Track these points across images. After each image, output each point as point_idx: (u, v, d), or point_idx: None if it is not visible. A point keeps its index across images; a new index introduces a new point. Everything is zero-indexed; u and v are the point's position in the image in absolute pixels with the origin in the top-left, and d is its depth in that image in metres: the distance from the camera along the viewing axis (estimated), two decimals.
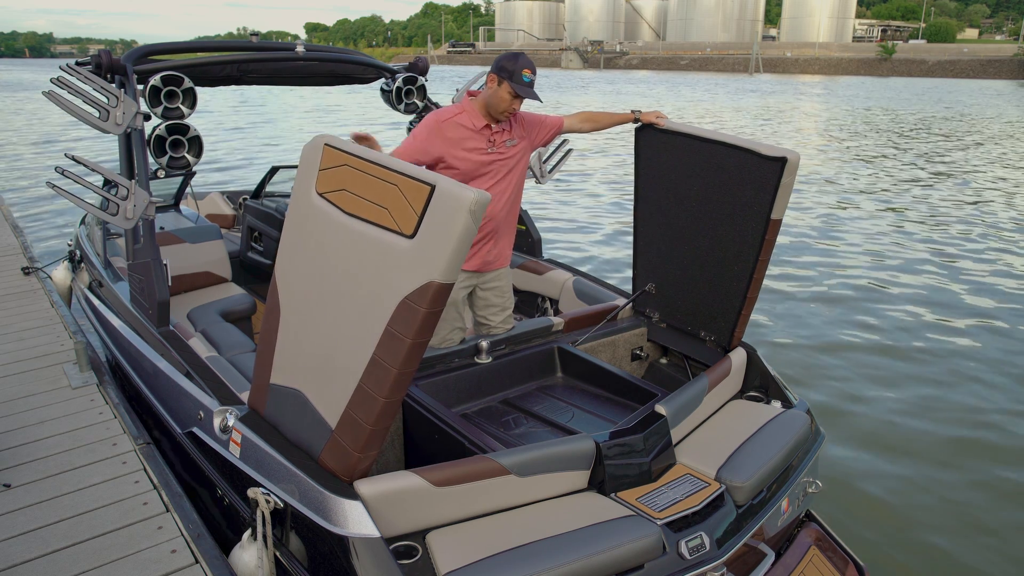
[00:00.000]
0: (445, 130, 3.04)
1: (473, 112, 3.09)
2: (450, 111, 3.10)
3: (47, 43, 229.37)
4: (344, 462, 2.16)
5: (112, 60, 3.80)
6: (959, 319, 6.94)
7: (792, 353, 6.07)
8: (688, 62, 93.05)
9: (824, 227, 10.58)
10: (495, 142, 3.12)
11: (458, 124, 3.06)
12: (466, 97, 3.15)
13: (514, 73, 2.94)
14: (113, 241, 4.71)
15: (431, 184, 1.88)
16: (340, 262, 2.11)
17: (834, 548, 2.98)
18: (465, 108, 3.11)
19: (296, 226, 2.25)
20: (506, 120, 3.14)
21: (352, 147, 2.10)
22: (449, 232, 1.85)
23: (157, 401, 3.37)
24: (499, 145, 3.14)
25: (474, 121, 3.08)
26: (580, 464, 2.46)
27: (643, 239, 3.59)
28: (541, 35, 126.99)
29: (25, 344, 4.35)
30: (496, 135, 3.12)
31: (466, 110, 3.10)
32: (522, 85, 2.95)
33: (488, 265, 3.30)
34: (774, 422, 2.95)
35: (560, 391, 3.27)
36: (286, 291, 2.30)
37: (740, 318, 3.26)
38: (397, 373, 1.98)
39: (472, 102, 3.12)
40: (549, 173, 4.72)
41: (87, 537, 2.67)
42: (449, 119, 3.06)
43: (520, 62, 2.96)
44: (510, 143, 3.17)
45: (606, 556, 2.15)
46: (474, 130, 3.07)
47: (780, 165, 2.92)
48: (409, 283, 1.92)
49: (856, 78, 72.74)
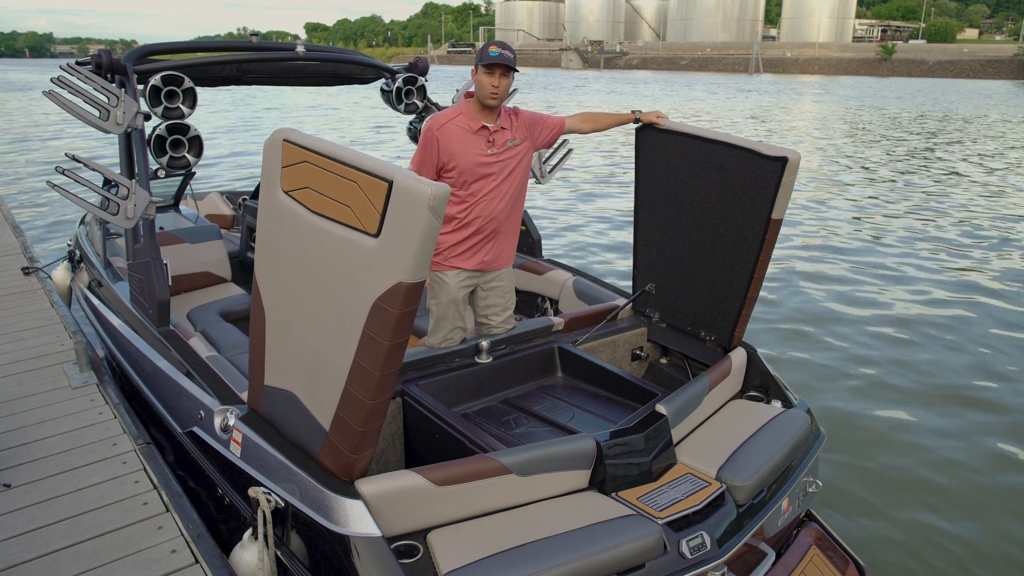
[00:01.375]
0: (441, 137, 3.05)
1: (469, 114, 3.10)
2: (445, 116, 3.10)
3: (47, 43, 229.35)
4: (341, 462, 2.16)
5: (112, 60, 3.80)
6: (963, 311, 6.95)
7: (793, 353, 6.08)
8: (688, 62, 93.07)
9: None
10: (495, 142, 3.12)
11: (455, 127, 3.07)
12: (463, 100, 3.16)
13: (482, 54, 3.02)
14: (113, 241, 4.71)
15: (388, 180, 1.86)
16: (312, 263, 2.10)
17: (834, 548, 2.98)
18: (462, 111, 3.11)
19: (268, 227, 2.24)
20: (498, 109, 3.14)
21: (310, 141, 2.07)
22: (412, 231, 1.84)
23: (157, 401, 3.37)
24: (499, 145, 3.13)
25: (470, 123, 3.08)
26: (581, 464, 2.46)
27: (643, 239, 3.59)
28: (541, 35, 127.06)
29: (25, 344, 4.35)
30: (495, 135, 3.12)
31: (463, 112, 3.11)
32: (489, 59, 2.99)
33: (489, 265, 3.30)
34: (774, 422, 2.95)
35: (560, 391, 3.27)
36: (268, 293, 2.30)
37: (740, 318, 3.26)
38: (379, 376, 1.98)
39: (468, 104, 3.13)
40: (549, 173, 4.72)
41: (87, 537, 2.67)
42: (444, 124, 3.07)
43: (487, 45, 3.06)
44: (512, 143, 3.17)
45: (607, 555, 2.15)
46: (471, 131, 3.08)
47: (781, 165, 2.92)
48: (379, 284, 1.92)
49: (856, 78, 72.76)
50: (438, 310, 3.28)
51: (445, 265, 3.23)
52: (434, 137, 3.05)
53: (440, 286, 3.26)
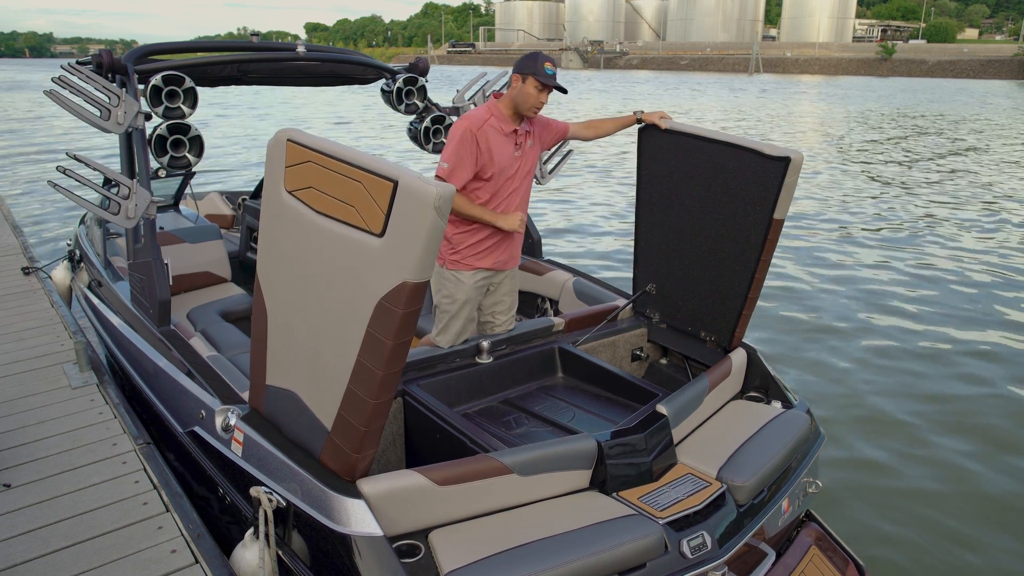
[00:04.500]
0: (480, 137, 3.03)
1: (501, 116, 3.09)
2: (480, 117, 3.07)
3: (47, 43, 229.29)
4: (343, 462, 2.16)
5: (113, 60, 3.80)
6: (973, 317, 6.95)
7: (788, 351, 6.08)
8: (688, 62, 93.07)
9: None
10: (520, 144, 3.16)
11: (492, 129, 3.06)
12: (492, 100, 3.14)
13: (537, 68, 3.03)
14: (113, 241, 4.71)
15: (393, 180, 1.87)
16: (316, 263, 2.10)
17: (834, 548, 2.98)
18: (493, 112, 3.10)
19: (271, 226, 2.24)
20: (530, 119, 3.17)
21: (314, 141, 2.08)
22: (417, 231, 1.84)
23: (158, 400, 3.37)
24: (523, 147, 3.18)
25: (503, 125, 3.09)
26: (582, 463, 2.47)
27: (644, 239, 3.59)
28: (541, 35, 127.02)
29: (25, 344, 4.35)
30: (522, 137, 3.16)
31: (494, 114, 3.09)
32: (546, 76, 3.02)
33: (502, 264, 3.32)
34: (774, 422, 2.96)
35: (561, 391, 3.27)
36: (270, 293, 2.30)
37: (741, 318, 3.26)
38: (383, 375, 1.98)
39: (499, 105, 3.12)
40: (550, 174, 4.73)
41: (87, 537, 2.67)
42: (483, 126, 3.04)
43: (540, 58, 3.08)
44: (529, 144, 3.22)
45: (608, 555, 2.15)
46: (504, 134, 3.09)
47: (783, 165, 2.92)
48: (383, 284, 1.92)
49: (856, 78, 72.76)
50: (452, 309, 3.27)
51: (463, 264, 3.23)
52: (473, 138, 3.02)
53: (457, 285, 3.25)
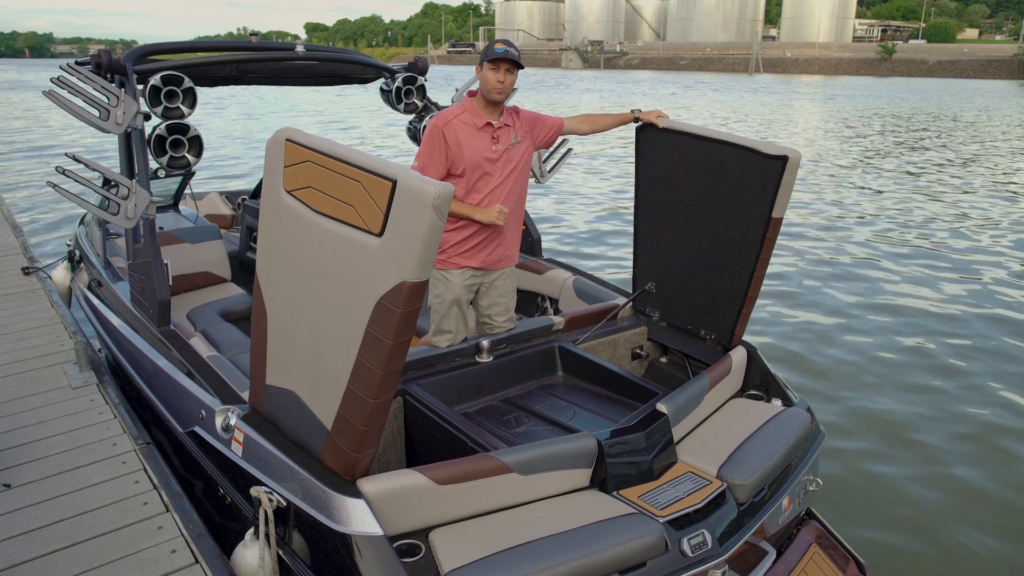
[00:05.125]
0: (447, 132, 3.05)
1: (473, 111, 3.11)
2: (450, 113, 3.11)
3: (47, 43, 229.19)
4: (343, 461, 2.16)
5: (112, 60, 3.80)
6: (970, 313, 6.95)
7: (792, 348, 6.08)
8: (688, 62, 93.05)
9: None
10: (499, 139, 3.14)
11: (460, 123, 3.08)
12: (466, 98, 3.16)
13: (487, 51, 3.05)
14: (113, 241, 4.71)
15: (392, 179, 1.87)
16: (315, 262, 2.10)
17: (835, 546, 2.98)
18: (466, 108, 3.13)
19: (270, 226, 2.24)
20: (501, 106, 3.15)
21: (313, 141, 2.08)
22: (415, 230, 1.84)
23: (158, 400, 3.37)
24: (503, 142, 3.15)
25: (475, 119, 3.09)
26: (582, 462, 2.46)
27: (644, 238, 3.59)
28: (541, 35, 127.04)
29: (25, 344, 4.35)
30: (500, 131, 3.14)
31: (467, 110, 3.12)
32: (495, 55, 3.02)
33: (494, 264, 3.31)
34: (774, 420, 2.95)
35: (561, 390, 3.27)
36: (269, 292, 2.30)
37: (740, 317, 3.26)
38: (382, 375, 1.98)
39: (472, 101, 3.14)
40: (549, 172, 4.72)
41: (87, 537, 2.67)
42: (450, 121, 3.07)
43: (492, 43, 3.09)
44: (515, 140, 3.19)
45: (608, 554, 2.15)
46: (476, 128, 3.09)
47: (781, 163, 2.92)
48: (382, 284, 1.92)
49: (856, 78, 72.76)
50: (442, 309, 3.27)
51: (450, 263, 3.23)
52: (440, 133, 3.05)
53: (445, 285, 3.25)
